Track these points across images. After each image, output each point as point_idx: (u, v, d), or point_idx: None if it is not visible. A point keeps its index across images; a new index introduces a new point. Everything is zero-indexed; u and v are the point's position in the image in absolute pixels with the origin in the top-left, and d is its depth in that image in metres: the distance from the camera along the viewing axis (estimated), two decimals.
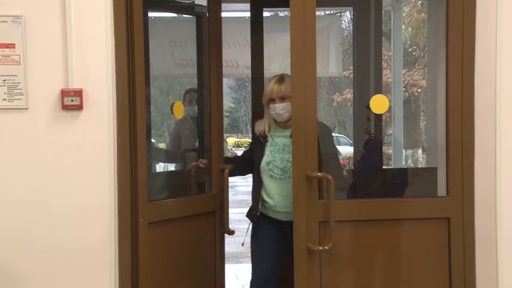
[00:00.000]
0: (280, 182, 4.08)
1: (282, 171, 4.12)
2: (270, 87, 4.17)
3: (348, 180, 5.02)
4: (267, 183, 4.13)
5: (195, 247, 4.46)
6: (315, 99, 4.00)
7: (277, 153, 4.16)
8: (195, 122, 4.89)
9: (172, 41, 5.31)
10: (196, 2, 4.72)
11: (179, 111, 4.83)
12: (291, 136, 3.97)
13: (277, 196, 4.13)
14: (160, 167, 5.58)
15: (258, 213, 4.23)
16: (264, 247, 4.27)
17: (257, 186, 4.19)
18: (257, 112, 4.86)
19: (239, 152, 7.34)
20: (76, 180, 3.68)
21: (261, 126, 4.26)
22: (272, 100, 4.11)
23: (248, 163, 4.36)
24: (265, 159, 4.16)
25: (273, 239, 4.24)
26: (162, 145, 5.83)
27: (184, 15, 5.08)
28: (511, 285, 3.95)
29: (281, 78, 4.18)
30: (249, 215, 4.35)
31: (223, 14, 4.85)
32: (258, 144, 4.27)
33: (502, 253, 3.86)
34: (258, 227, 4.29)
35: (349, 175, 5.14)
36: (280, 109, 4.12)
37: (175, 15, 5.26)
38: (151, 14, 4.55)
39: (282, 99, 4.08)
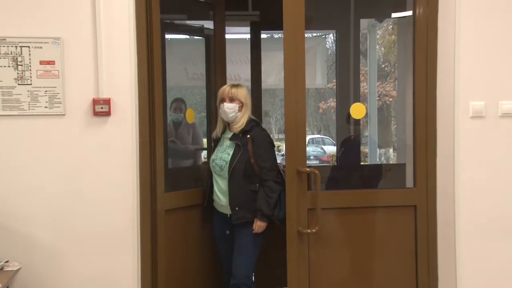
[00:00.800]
0: (219, 177, 4.07)
1: (220, 168, 4.08)
2: (222, 89, 4.15)
3: (331, 173, 4.95)
4: (214, 178, 4.13)
5: (206, 231, 4.51)
6: (304, 107, 4.12)
7: (220, 152, 4.12)
8: (177, 128, 4.92)
9: (185, 58, 5.29)
10: (205, 26, 4.72)
11: (191, 116, 4.87)
12: (230, 138, 4.08)
13: (217, 191, 4.12)
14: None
15: (205, 205, 4.20)
16: (218, 244, 4.25)
17: (209, 181, 4.19)
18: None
19: None
20: (105, 174, 3.78)
21: (217, 128, 4.20)
22: (222, 100, 4.05)
23: None
24: (212, 157, 4.15)
25: (222, 233, 4.18)
26: None
27: (195, 37, 5.13)
28: (466, 259, 4.04)
29: (235, 85, 4.17)
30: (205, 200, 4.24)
31: (228, 36, 4.89)
32: (214, 143, 4.25)
33: (459, 234, 3.99)
34: (211, 220, 4.25)
35: (332, 169, 5.10)
36: (227, 107, 4.06)
37: (187, 36, 5.24)
38: (167, 36, 4.60)
39: (232, 100, 4.04)
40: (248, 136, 4.02)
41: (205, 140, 5.12)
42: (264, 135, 4.12)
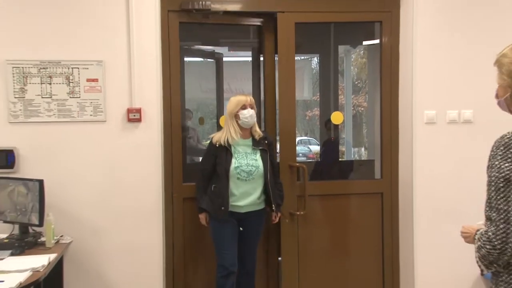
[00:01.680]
0: (245, 182, 3.75)
1: (247, 174, 3.77)
2: (239, 98, 3.83)
3: (315, 168, 5.03)
4: (232, 184, 3.73)
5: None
6: (294, 114, 4.32)
7: (242, 160, 3.77)
8: (188, 131, 4.91)
9: (200, 76, 5.24)
10: (216, 51, 4.81)
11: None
12: (252, 145, 3.82)
13: (239, 194, 3.76)
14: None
15: (228, 208, 3.77)
16: (230, 238, 3.85)
17: (225, 186, 3.73)
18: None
19: None
20: (136, 167, 3.94)
21: (220, 136, 3.77)
22: (244, 107, 3.75)
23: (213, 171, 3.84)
24: (233, 165, 3.73)
25: (235, 229, 3.83)
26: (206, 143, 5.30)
27: (208, 59, 5.08)
28: (420, 232, 4.21)
29: (247, 94, 3.94)
30: (217, 210, 3.76)
31: (234, 59, 4.87)
32: (221, 151, 3.76)
33: (415, 214, 4.20)
34: (221, 220, 3.80)
35: (316, 164, 5.19)
36: (250, 114, 3.77)
37: (201, 59, 5.19)
38: (186, 59, 4.69)
39: (252, 107, 3.79)
40: (266, 141, 3.86)
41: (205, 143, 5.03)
42: (274, 139, 4.03)
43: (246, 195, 3.74)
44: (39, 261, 3.13)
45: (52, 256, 3.28)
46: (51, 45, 3.85)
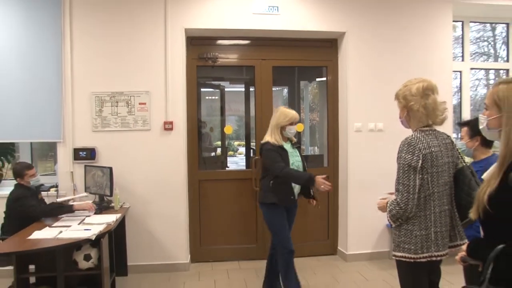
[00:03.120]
0: None
1: (298, 168, 3.40)
2: (292, 115, 3.37)
3: None
4: None
5: (236, 195, 4.53)
6: None
7: (292, 158, 3.39)
8: (204, 135, 4.82)
9: (210, 100, 5.27)
10: (221, 84, 4.91)
11: (229, 129, 4.81)
12: (292, 147, 3.45)
13: (293, 185, 3.38)
14: None
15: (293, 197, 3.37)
16: (287, 224, 3.39)
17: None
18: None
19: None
20: (170, 160, 4.18)
21: (276, 140, 3.31)
22: (292, 123, 3.36)
23: None
24: (290, 162, 3.33)
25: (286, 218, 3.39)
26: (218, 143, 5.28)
27: (214, 90, 5.10)
28: (352, 202, 4.41)
29: (294, 112, 3.45)
30: (287, 200, 3.33)
31: (232, 89, 5.01)
32: (282, 152, 3.32)
33: (349, 189, 4.43)
34: (281, 210, 3.35)
35: None
36: (295, 130, 3.44)
37: (211, 89, 5.11)
38: (202, 90, 4.84)
39: (296, 123, 3.43)
40: (299, 146, 3.57)
41: (216, 143, 5.07)
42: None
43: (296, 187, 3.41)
44: (111, 218, 3.41)
45: (118, 215, 3.54)
46: (118, 82, 4.14)
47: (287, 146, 3.41)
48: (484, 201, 1.47)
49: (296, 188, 3.38)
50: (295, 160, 3.37)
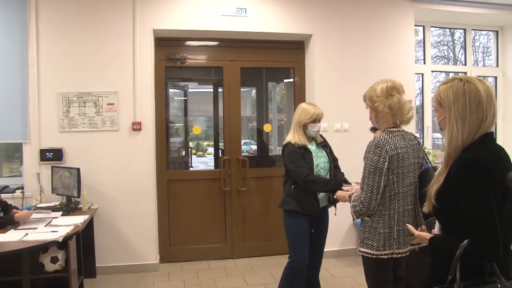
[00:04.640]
0: None
1: (324, 170, 3.03)
2: (313, 111, 3.02)
3: (254, 160, 4.90)
4: None
5: (205, 195, 4.53)
6: (240, 125, 4.61)
7: (316, 159, 3.01)
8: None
9: (177, 101, 5.04)
10: (187, 84, 4.84)
11: (197, 129, 4.89)
12: (316, 146, 3.08)
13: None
14: None
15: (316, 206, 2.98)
16: (307, 238, 3.01)
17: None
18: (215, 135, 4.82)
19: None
20: (138, 160, 4.17)
21: (298, 140, 2.97)
22: (315, 120, 3.00)
23: None
24: (315, 163, 2.96)
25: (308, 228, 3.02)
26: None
27: (178, 90, 4.97)
28: None
29: (317, 106, 3.11)
30: (310, 208, 2.94)
31: (200, 90, 5.00)
32: (304, 152, 2.96)
33: None
34: (304, 219, 2.98)
35: (255, 158, 5.05)
36: (318, 128, 3.07)
37: (176, 90, 4.93)
38: (171, 90, 4.81)
39: (320, 120, 3.06)
40: (325, 144, 3.15)
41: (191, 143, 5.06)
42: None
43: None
44: (78, 219, 3.37)
45: (86, 217, 3.49)
46: (86, 82, 4.11)
47: (312, 146, 3.07)
48: (432, 196, 1.54)
49: (321, 194, 3.03)
50: (320, 161, 3.03)
